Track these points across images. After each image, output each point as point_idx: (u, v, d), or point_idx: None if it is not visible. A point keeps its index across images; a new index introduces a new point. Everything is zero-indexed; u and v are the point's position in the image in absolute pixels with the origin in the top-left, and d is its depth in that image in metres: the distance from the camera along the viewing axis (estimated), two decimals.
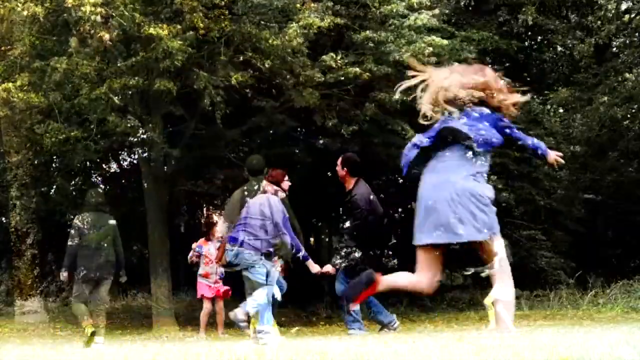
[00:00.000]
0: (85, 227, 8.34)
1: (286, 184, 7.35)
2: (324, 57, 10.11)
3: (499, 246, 4.34)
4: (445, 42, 10.51)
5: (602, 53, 14.83)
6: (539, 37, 15.30)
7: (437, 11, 10.88)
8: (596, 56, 14.61)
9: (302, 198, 15.37)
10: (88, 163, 13.81)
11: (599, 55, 14.72)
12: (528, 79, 15.47)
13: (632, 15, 15.15)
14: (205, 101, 10.11)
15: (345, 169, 7.73)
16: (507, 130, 4.54)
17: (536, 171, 14.00)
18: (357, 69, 10.14)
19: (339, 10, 10.43)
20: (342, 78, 10.19)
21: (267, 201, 6.81)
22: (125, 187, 15.36)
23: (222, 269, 9.07)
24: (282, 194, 7.10)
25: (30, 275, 12.60)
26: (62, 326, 11.97)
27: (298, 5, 9.78)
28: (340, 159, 7.83)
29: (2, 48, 10.16)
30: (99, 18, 8.67)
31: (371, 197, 7.66)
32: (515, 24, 13.74)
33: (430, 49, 10.12)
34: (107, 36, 8.81)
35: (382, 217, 7.95)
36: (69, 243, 8.36)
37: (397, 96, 6.27)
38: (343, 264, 7.53)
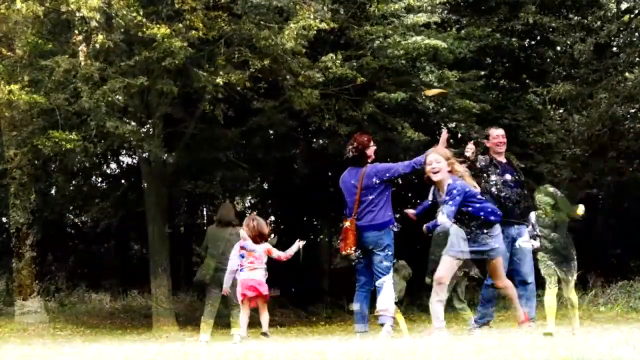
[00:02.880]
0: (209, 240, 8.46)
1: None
2: (323, 58, 10.09)
3: None
4: (443, 44, 10.51)
5: (602, 52, 14.80)
6: (539, 37, 15.25)
7: (436, 18, 10.91)
8: (596, 56, 14.57)
9: (302, 198, 15.40)
10: (88, 163, 13.79)
11: (599, 54, 14.68)
12: (527, 79, 15.44)
13: (632, 15, 15.12)
14: (205, 102, 10.10)
15: None
16: None
17: (539, 167, 13.97)
18: (356, 65, 10.12)
19: (337, 9, 10.42)
20: (340, 74, 10.17)
21: None
22: (126, 187, 15.33)
23: None
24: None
25: (30, 276, 12.56)
26: (62, 326, 11.95)
27: (297, 6, 9.75)
28: None
29: (3, 50, 10.11)
30: (100, 17, 8.66)
31: None
32: (515, 22, 13.71)
33: (428, 41, 10.15)
34: (103, 37, 8.79)
35: None
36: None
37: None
38: None
